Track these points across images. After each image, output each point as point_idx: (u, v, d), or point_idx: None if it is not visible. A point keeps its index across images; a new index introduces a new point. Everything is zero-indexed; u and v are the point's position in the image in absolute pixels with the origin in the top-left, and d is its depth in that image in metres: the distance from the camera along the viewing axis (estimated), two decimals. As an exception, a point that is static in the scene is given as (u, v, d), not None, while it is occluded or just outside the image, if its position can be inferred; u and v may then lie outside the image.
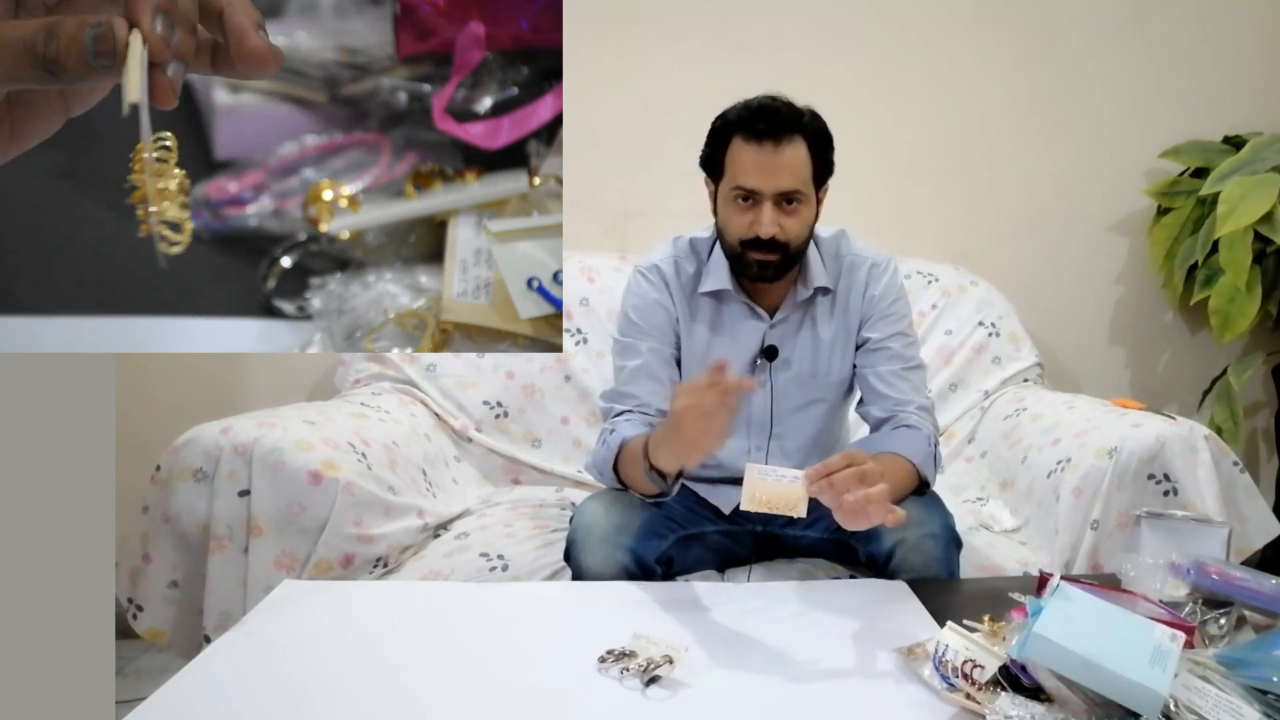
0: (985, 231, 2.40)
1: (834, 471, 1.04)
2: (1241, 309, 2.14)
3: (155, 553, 1.45)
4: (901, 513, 1.02)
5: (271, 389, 2.20)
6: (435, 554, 1.54)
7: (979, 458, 2.00)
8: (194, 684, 0.94)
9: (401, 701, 0.91)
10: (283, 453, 1.42)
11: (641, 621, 1.06)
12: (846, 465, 1.05)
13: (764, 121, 1.32)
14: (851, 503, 1.02)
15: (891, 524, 1.02)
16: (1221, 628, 1.02)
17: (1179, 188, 2.31)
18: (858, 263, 1.50)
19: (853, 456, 1.06)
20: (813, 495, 1.04)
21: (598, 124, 2.25)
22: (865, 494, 1.02)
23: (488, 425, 1.98)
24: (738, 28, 2.28)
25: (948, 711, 0.90)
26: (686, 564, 1.42)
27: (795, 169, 1.34)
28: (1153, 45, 2.37)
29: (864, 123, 2.31)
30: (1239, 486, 1.63)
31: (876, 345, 1.47)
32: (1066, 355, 2.44)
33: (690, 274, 1.49)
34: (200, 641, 1.43)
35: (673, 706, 0.91)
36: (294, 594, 1.18)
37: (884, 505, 1.02)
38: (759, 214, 1.35)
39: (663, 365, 1.46)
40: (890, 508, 1.02)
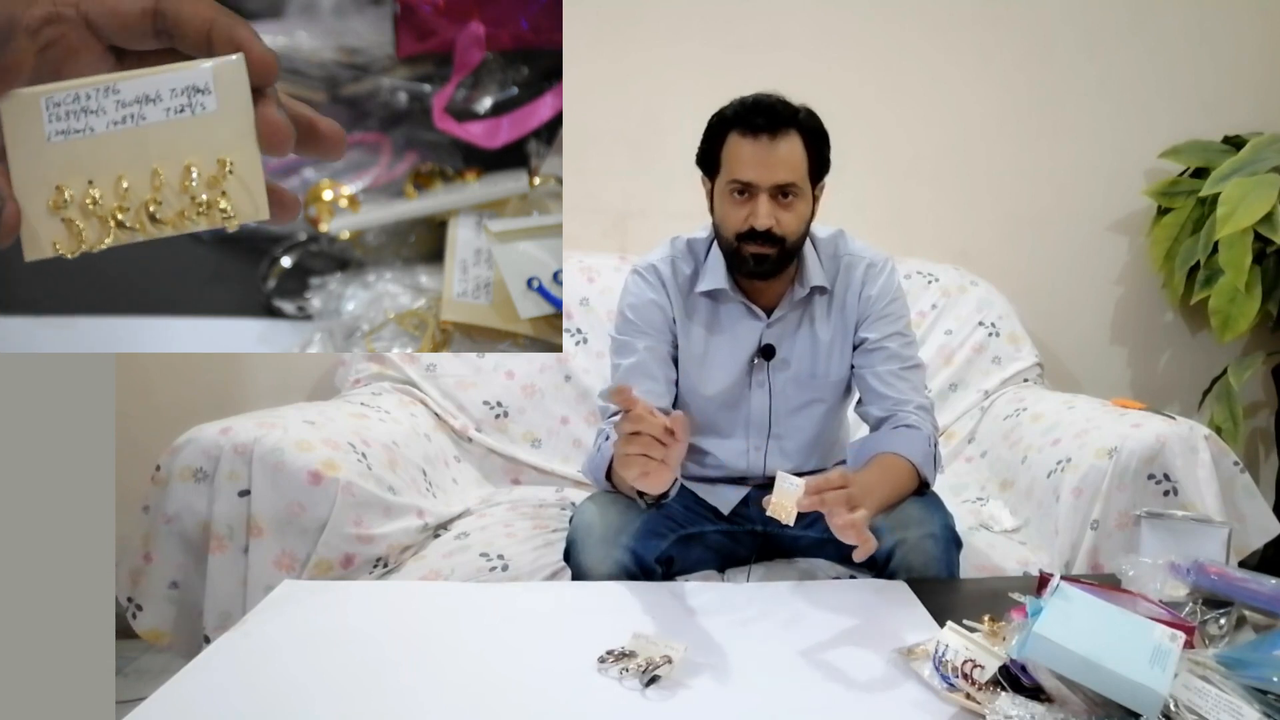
0: (985, 231, 2.40)
1: (828, 489, 1.07)
2: (1241, 309, 2.14)
3: (155, 553, 1.45)
4: (872, 544, 1.06)
5: (271, 389, 2.20)
6: (435, 554, 1.54)
7: (979, 458, 2.00)
8: (194, 684, 0.94)
9: (401, 701, 0.91)
10: (283, 453, 1.42)
11: (641, 621, 1.06)
12: (841, 486, 1.08)
13: (760, 116, 1.33)
14: (838, 525, 1.06)
15: (861, 556, 1.06)
16: (1221, 628, 1.02)
17: (1179, 188, 2.31)
18: (855, 262, 1.50)
19: (847, 478, 1.10)
20: (804, 509, 1.06)
21: (598, 124, 2.25)
22: (848, 519, 1.05)
23: (488, 425, 1.98)
24: (738, 28, 2.28)
25: (948, 711, 0.90)
26: (686, 564, 1.42)
27: (791, 162, 1.34)
28: (1153, 45, 2.37)
29: (864, 122, 2.31)
30: (1239, 486, 1.63)
31: (874, 345, 1.47)
32: (1066, 355, 2.44)
33: (687, 274, 1.49)
34: (200, 641, 1.43)
35: (672, 706, 0.91)
36: (294, 594, 1.18)
37: (861, 532, 1.06)
38: (755, 206, 1.35)
39: (659, 364, 1.46)
40: (865, 536, 1.05)
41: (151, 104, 0.76)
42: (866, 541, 1.05)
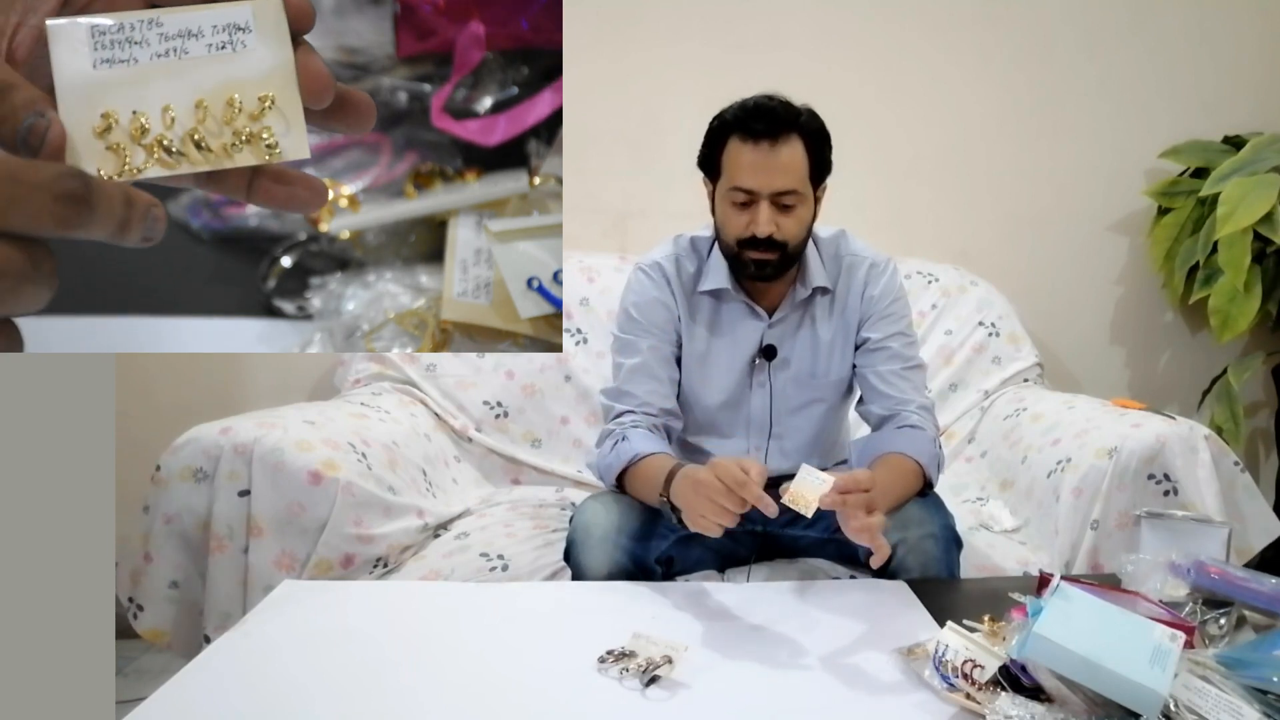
0: (985, 231, 2.40)
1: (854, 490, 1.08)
2: (1241, 309, 2.14)
3: (155, 552, 1.45)
4: (887, 551, 1.08)
5: (271, 389, 2.20)
6: (435, 554, 1.54)
7: (979, 458, 2.00)
8: (194, 684, 0.94)
9: (401, 701, 0.91)
10: (283, 453, 1.42)
11: (641, 621, 1.06)
12: (866, 489, 1.09)
13: (760, 121, 1.32)
14: (854, 528, 1.08)
15: (877, 562, 1.08)
16: (1221, 628, 1.02)
17: (1179, 188, 2.31)
18: (856, 263, 1.50)
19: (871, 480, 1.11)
20: (825, 506, 1.07)
21: (598, 124, 2.25)
22: (865, 523, 1.07)
23: (488, 425, 1.98)
24: (738, 28, 2.28)
25: (948, 711, 0.90)
26: (686, 564, 1.42)
27: (792, 168, 1.34)
28: (1153, 45, 2.37)
29: (865, 122, 2.31)
30: (1239, 486, 1.62)
31: (876, 345, 1.47)
32: (1066, 355, 2.44)
33: (691, 273, 1.49)
34: (200, 641, 1.43)
35: (672, 706, 0.91)
36: (294, 594, 1.18)
37: (875, 536, 1.08)
38: (756, 213, 1.35)
39: (662, 364, 1.46)
40: (880, 541, 1.08)
41: (194, 38, 0.77)
42: (882, 548, 1.07)
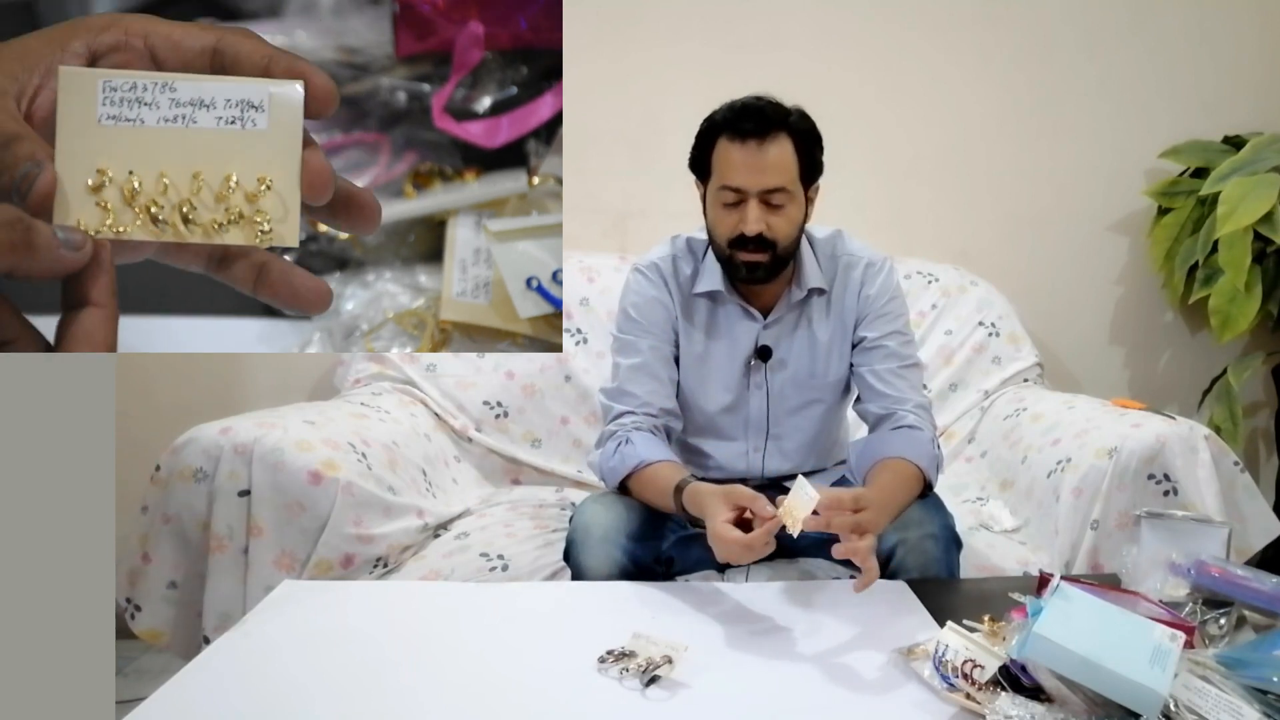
0: (985, 231, 2.40)
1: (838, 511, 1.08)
2: (1241, 309, 2.14)
3: (155, 553, 1.45)
4: (874, 577, 1.08)
5: (271, 389, 2.20)
6: (435, 554, 1.54)
7: (979, 458, 2.00)
8: (194, 684, 0.94)
9: (401, 701, 0.91)
10: (283, 453, 1.42)
11: (641, 621, 1.06)
12: (855, 509, 1.09)
13: (749, 120, 1.32)
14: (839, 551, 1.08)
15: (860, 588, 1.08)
16: (1221, 628, 1.02)
17: (1179, 188, 2.30)
18: (853, 262, 1.50)
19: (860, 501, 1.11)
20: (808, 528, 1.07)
21: (598, 124, 2.25)
22: (851, 546, 1.07)
23: (488, 425, 1.98)
24: (738, 28, 2.28)
25: (948, 711, 0.89)
26: (686, 564, 1.42)
27: (780, 166, 1.33)
28: (1153, 45, 2.37)
29: (864, 122, 2.31)
30: (1239, 486, 1.62)
31: (873, 344, 1.47)
32: (1066, 355, 2.44)
33: (688, 273, 1.49)
34: (200, 642, 1.43)
35: (672, 706, 0.91)
36: (294, 594, 1.18)
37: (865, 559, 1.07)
38: (745, 212, 1.34)
39: (662, 364, 1.46)
40: (869, 564, 1.07)
41: (205, 109, 0.77)
42: (869, 573, 1.07)
